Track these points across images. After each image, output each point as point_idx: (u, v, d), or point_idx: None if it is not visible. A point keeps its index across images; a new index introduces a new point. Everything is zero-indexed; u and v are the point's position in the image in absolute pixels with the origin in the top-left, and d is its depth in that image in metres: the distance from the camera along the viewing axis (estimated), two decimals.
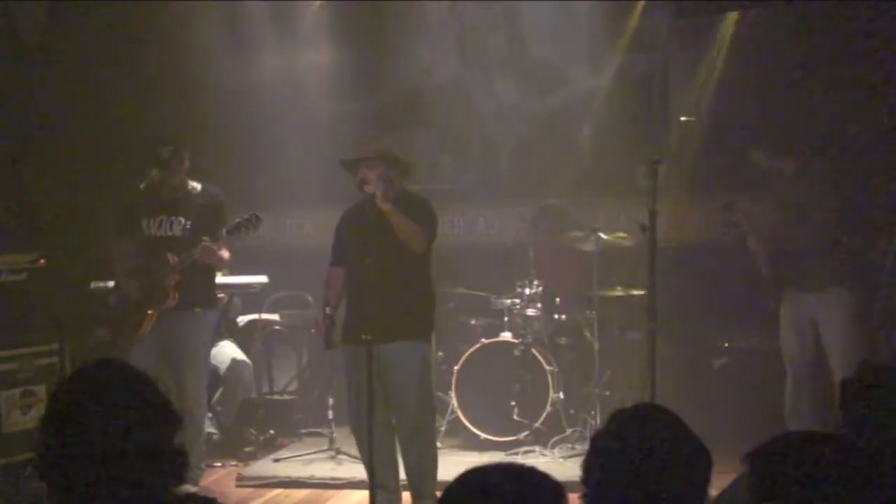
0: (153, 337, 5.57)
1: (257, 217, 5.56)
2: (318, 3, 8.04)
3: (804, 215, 5.47)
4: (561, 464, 6.16)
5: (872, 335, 5.72)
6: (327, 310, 5.13)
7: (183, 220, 5.70)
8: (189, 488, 4.86)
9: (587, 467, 2.13)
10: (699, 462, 2.09)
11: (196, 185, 5.82)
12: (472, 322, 7.07)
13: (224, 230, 5.59)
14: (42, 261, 5.69)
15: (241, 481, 6.11)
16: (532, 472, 1.89)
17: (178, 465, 2.14)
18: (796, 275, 5.54)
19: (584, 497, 2.10)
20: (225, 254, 5.73)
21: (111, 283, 6.17)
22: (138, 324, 5.57)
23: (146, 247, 5.70)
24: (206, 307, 5.82)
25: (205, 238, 5.54)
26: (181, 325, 5.63)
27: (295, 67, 8.05)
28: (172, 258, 5.55)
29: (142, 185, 5.76)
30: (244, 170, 7.84)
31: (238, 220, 5.59)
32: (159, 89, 7.59)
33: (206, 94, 7.64)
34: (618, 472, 2.06)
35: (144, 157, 5.70)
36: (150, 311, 5.58)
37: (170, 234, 5.70)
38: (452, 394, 6.65)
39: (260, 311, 7.25)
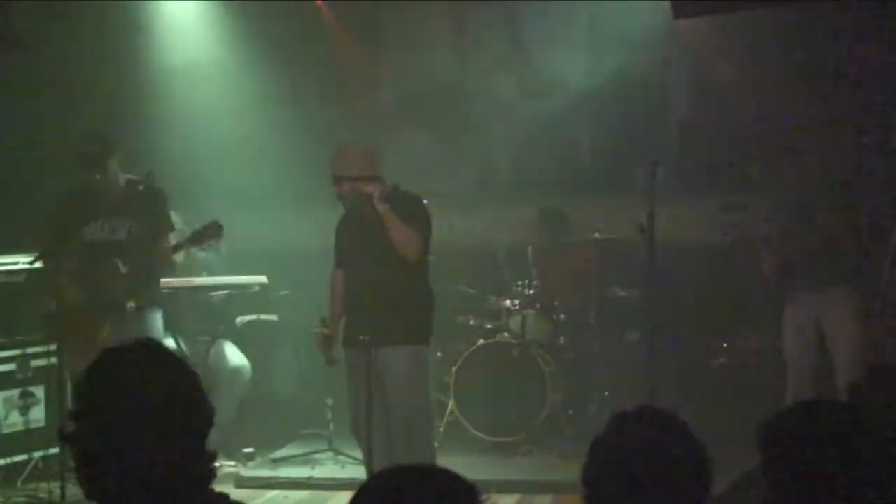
0: (108, 342, 5.43)
1: (219, 226, 5.37)
2: (319, 2, 8.04)
3: (811, 216, 5.44)
4: (560, 464, 6.15)
5: (876, 335, 5.70)
6: (325, 330, 5.10)
7: (123, 221, 5.48)
8: None
9: (587, 468, 2.12)
10: (701, 467, 2.08)
11: (133, 180, 5.54)
12: (471, 322, 7.05)
13: (186, 239, 5.44)
14: (41, 261, 5.63)
15: (240, 482, 6.10)
16: (444, 473, 1.88)
17: (210, 465, 2.08)
18: (800, 275, 5.52)
19: (584, 498, 2.09)
20: (178, 258, 5.58)
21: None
22: (92, 334, 5.32)
23: (89, 252, 5.48)
24: (158, 307, 5.63)
25: (165, 243, 5.44)
26: (136, 328, 5.38)
27: (295, 67, 8.04)
28: (123, 268, 5.33)
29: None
30: (244, 169, 7.85)
31: (199, 227, 5.40)
32: (160, 88, 7.59)
33: (206, 93, 7.65)
34: (618, 473, 2.05)
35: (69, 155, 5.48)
36: (104, 324, 5.35)
37: (114, 238, 5.48)
38: (451, 395, 6.64)
39: (259, 312, 7.24)
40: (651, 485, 2.02)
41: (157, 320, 5.61)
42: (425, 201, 5.25)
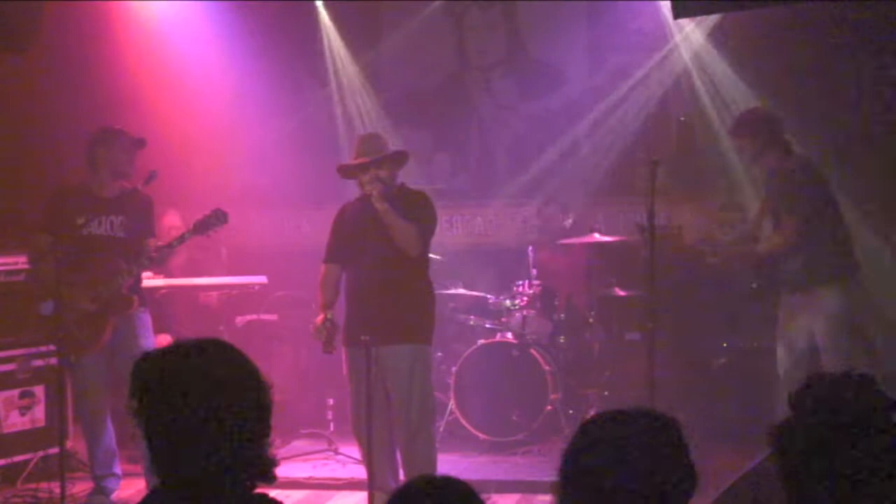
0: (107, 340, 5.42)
1: (222, 212, 5.44)
2: (319, 2, 8.04)
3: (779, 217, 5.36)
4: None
5: (863, 335, 5.65)
6: (329, 314, 5.09)
7: (121, 219, 5.48)
8: None
9: (564, 458, 2.07)
10: (678, 484, 2.00)
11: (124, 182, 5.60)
12: (471, 323, 7.05)
13: (190, 228, 5.49)
14: (32, 264, 5.62)
15: None
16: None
17: (266, 472, 2.07)
18: (785, 278, 5.40)
19: (555, 486, 2.05)
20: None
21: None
22: (97, 334, 5.36)
23: (82, 246, 5.41)
24: (145, 306, 5.64)
25: (151, 242, 5.48)
26: (129, 328, 5.46)
27: (294, 67, 8.05)
28: (125, 263, 5.34)
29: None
30: (244, 170, 7.84)
31: (204, 216, 5.45)
32: (160, 87, 7.59)
33: (205, 94, 7.65)
34: (589, 469, 2.01)
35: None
36: (111, 320, 5.38)
37: (110, 233, 5.48)
38: (451, 395, 6.64)
39: (259, 312, 7.24)
40: (618, 490, 1.97)
41: (145, 318, 5.62)
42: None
